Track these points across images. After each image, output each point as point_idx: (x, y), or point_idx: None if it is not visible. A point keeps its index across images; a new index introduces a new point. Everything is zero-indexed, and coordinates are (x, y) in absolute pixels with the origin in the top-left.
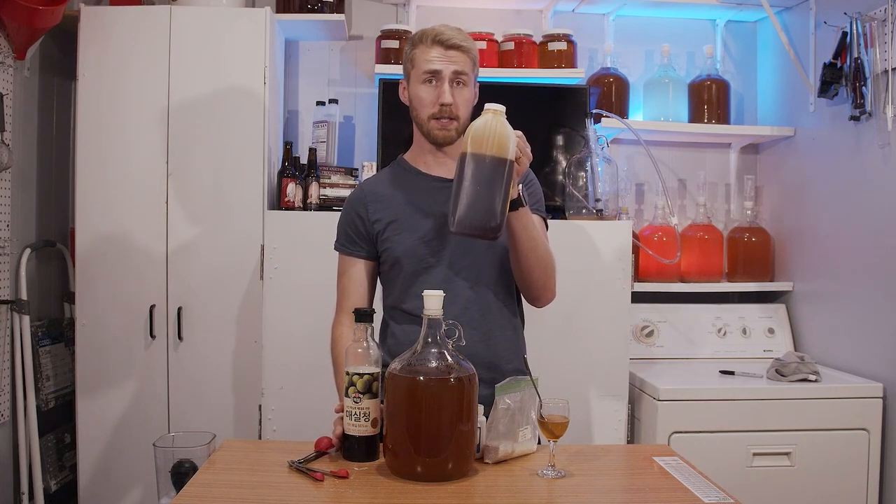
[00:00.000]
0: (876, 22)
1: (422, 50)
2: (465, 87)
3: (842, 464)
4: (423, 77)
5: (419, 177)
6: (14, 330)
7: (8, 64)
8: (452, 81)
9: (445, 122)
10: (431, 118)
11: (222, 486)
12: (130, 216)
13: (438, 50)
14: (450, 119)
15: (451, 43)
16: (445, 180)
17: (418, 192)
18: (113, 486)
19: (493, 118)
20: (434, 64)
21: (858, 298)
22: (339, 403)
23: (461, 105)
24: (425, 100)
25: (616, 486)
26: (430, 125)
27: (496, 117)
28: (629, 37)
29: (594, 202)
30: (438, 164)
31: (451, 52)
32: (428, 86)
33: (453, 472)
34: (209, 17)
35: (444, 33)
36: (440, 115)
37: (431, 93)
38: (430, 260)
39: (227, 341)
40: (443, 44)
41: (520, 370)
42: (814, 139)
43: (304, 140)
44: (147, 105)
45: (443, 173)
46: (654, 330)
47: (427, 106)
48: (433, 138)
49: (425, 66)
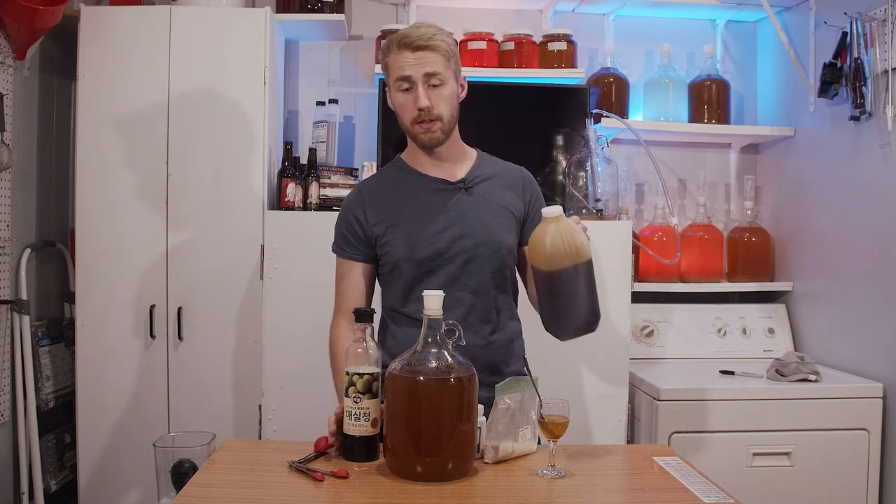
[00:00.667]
0: (876, 22)
1: (392, 57)
2: (442, 86)
3: (842, 464)
4: (396, 85)
5: (418, 178)
6: (14, 330)
7: (8, 64)
8: (425, 84)
9: (427, 125)
10: (414, 123)
11: (222, 486)
12: (130, 216)
13: (406, 54)
14: (430, 121)
15: (417, 44)
16: (445, 182)
17: (418, 193)
18: (113, 486)
19: (557, 227)
20: (404, 70)
21: (858, 298)
22: (339, 405)
23: (439, 105)
24: (404, 106)
25: (616, 486)
26: (415, 130)
27: (559, 224)
28: (629, 37)
29: (594, 202)
30: (435, 166)
31: (420, 54)
32: (404, 92)
33: (453, 472)
34: (209, 17)
35: (408, 35)
36: (420, 119)
37: (409, 98)
38: (431, 264)
39: (227, 341)
40: (409, 46)
41: (520, 373)
42: (814, 139)
43: (304, 140)
44: (147, 105)
45: (440, 174)
46: (654, 330)
47: (407, 111)
48: (420, 142)
49: (396, 72)
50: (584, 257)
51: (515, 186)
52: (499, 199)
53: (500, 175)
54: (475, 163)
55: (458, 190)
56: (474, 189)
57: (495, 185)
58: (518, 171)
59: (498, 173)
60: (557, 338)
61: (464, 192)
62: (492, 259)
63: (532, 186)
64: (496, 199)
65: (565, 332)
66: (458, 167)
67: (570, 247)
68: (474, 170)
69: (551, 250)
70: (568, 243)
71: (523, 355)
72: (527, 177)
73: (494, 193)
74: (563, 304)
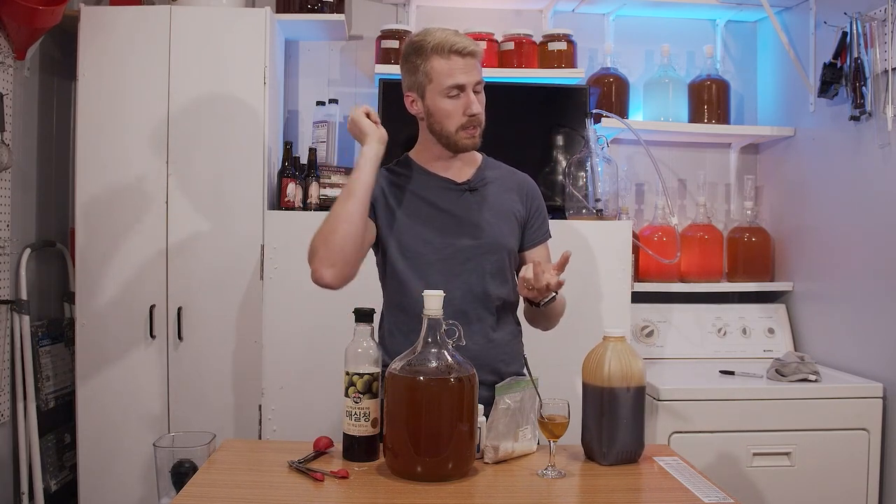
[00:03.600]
0: (876, 22)
1: (439, 63)
2: (482, 93)
3: (842, 464)
4: (447, 91)
5: (428, 176)
6: (14, 330)
7: (8, 64)
8: (474, 90)
9: (473, 131)
10: (460, 129)
11: (222, 486)
12: (130, 216)
13: (457, 60)
14: (475, 127)
15: (468, 51)
16: (451, 182)
17: (427, 191)
18: (113, 486)
19: (618, 347)
20: (457, 77)
21: (858, 298)
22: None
23: (482, 111)
24: (452, 112)
25: (616, 486)
26: (459, 136)
27: (621, 344)
28: (629, 37)
29: (594, 202)
30: (445, 167)
31: (469, 60)
32: (453, 98)
33: (453, 472)
34: (209, 17)
35: (458, 42)
36: (469, 125)
37: (458, 105)
38: (431, 258)
39: (227, 341)
40: (460, 53)
41: (519, 373)
42: (814, 139)
43: (304, 140)
44: (147, 105)
45: (448, 174)
46: (654, 330)
47: (454, 118)
48: (462, 147)
49: (448, 80)
50: (639, 382)
51: (519, 191)
52: (502, 202)
53: (505, 179)
54: (480, 165)
55: (463, 191)
56: (479, 191)
57: (499, 189)
58: (522, 177)
59: (502, 177)
60: (598, 462)
61: (469, 192)
62: (493, 259)
63: (535, 193)
64: (500, 201)
65: (608, 456)
66: (464, 169)
67: (628, 369)
68: (480, 172)
69: (609, 369)
70: (626, 365)
71: (523, 355)
72: (530, 183)
73: (498, 196)
74: (610, 424)
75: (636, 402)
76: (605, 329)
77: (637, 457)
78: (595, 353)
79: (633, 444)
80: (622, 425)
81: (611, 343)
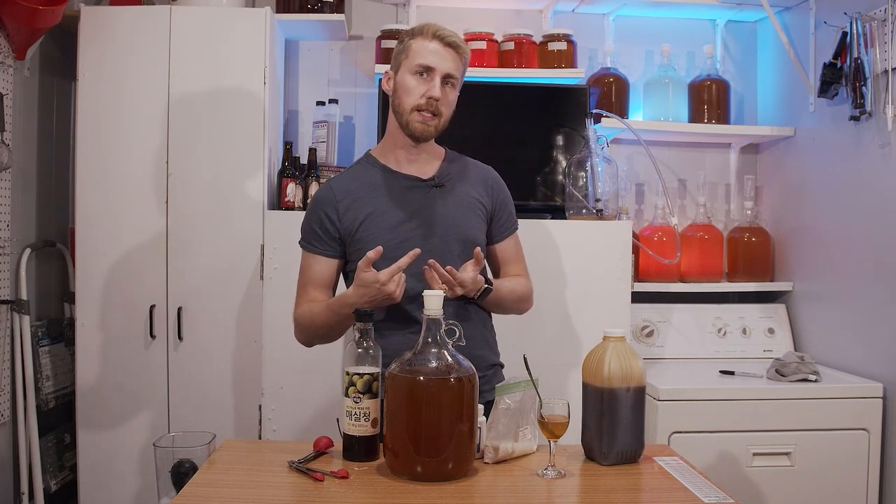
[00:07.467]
0: (876, 22)
1: (419, 42)
2: (453, 90)
3: (842, 464)
4: (416, 68)
5: (391, 175)
6: (14, 330)
7: (8, 64)
8: (443, 80)
9: (427, 117)
10: (414, 109)
11: (222, 486)
12: (130, 216)
13: (437, 45)
14: (432, 115)
15: (450, 41)
16: (417, 179)
17: (391, 190)
18: (113, 486)
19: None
20: (429, 58)
21: (858, 298)
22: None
23: (446, 105)
24: (413, 90)
25: (616, 486)
26: (411, 117)
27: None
28: (629, 37)
29: (594, 202)
30: (408, 163)
31: (449, 51)
32: (419, 77)
33: (453, 472)
34: (209, 17)
35: (444, 30)
36: (424, 108)
37: (421, 84)
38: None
39: (227, 341)
40: (442, 39)
41: (496, 364)
42: (814, 139)
43: (304, 140)
44: (147, 105)
45: (413, 171)
46: (654, 330)
47: (413, 96)
48: (411, 130)
49: (420, 58)
50: (639, 382)
51: (485, 184)
52: (468, 196)
53: (469, 173)
54: (444, 160)
55: (430, 187)
56: (445, 187)
57: (465, 183)
58: (486, 170)
59: (467, 171)
60: (598, 462)
61: (435, 189)
62: (462, 255)
63: (500, 185)
64: (466, 195)
65: (608, 456)
66: (428, 165)
67: (628, 369)
68: (444, 167)
69: (609, 369)
70: (626, 365)
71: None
72: (494, 176)
73: (464, 190)
74: (610, 424)
75: (636, 402)
76: (605, 329)
77: (637, 457)
78: (595, 353)
79: (633, 444)
80: (622, 425)
81: (611, 343)
